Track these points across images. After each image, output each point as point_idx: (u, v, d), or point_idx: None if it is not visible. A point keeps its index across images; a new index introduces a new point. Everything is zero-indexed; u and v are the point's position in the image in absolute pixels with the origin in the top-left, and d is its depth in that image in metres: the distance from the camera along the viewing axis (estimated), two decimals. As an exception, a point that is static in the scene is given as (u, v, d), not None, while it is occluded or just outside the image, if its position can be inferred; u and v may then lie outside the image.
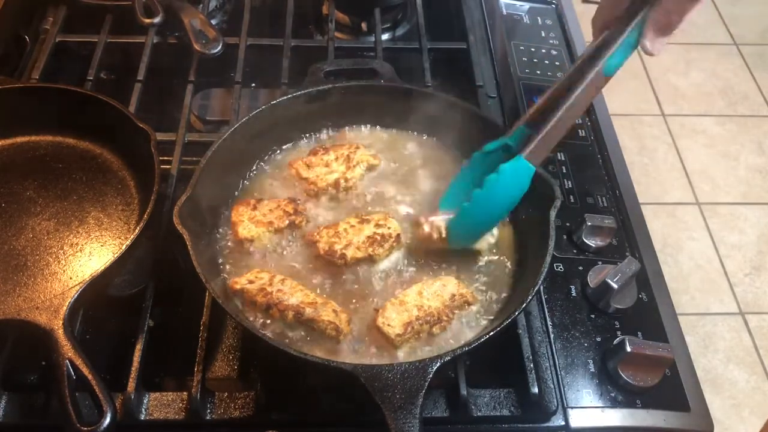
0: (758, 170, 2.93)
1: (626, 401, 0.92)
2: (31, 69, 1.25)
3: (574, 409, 0.91)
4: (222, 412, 0.87)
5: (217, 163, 0.96)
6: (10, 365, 0.90)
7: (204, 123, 1.28)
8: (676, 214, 2.76)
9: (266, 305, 0.87)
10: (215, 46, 1.23)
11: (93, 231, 1.03)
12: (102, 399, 0.78)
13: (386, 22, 1.46)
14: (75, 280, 0.96)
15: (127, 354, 0.88)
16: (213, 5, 1.46)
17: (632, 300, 0.99)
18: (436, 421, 0.89)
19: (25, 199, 1.06)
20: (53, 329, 0.81)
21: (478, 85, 1.27)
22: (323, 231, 0.96)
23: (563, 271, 1.04)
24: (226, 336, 0.97)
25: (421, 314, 0.87)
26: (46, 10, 1.39)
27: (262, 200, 1.00)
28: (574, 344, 0.96)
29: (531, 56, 1.36)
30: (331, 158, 1.05)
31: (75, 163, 1.11)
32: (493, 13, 1.47)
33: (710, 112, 3.14)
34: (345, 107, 1.09)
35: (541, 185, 0.93)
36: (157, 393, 0.88)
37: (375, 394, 0.73)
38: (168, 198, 1.03)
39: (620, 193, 1.15)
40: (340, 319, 0.87)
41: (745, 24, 3.54)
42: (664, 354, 0.90)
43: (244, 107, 1.22)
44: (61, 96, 1.10)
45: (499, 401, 0.90)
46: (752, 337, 2.43)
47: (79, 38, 1.33)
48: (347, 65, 1.17)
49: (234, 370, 0.94)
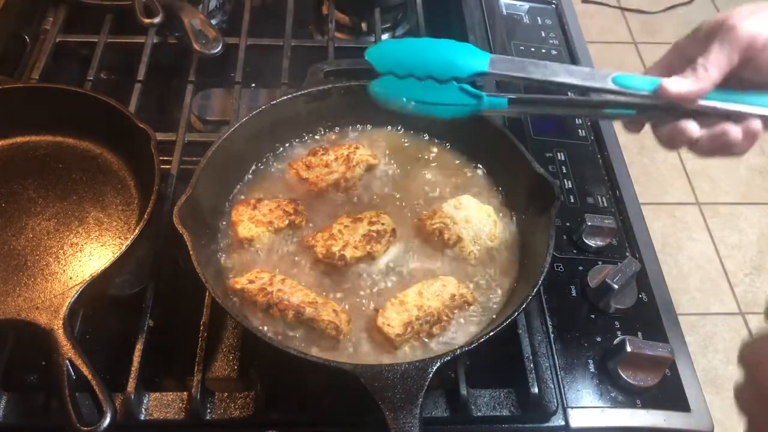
0: (758, 170, 2.93)
1: (626, 401, 0.92)
2: (31, 69, 1.25)
3: (574, 409, 0.91)
4: (222, 412, 0.87)
5: (217, 163, 0.96)
6: (10, 365, 0.90)
7: (204, 123, 1.28)
8: (676, 214, 2.76)
9: (266, 305, 0.87)
10: (215, 46, 1.23)
11: (93, 231, 1.03)
12: (102, 399, 0.78)
13: (386, 22, 1.46)
14: (75, 280, 0.96)
15: (127, 354, 0.88)
16: (213, 5, 1.46)
17: (632, 300, 0.99)
18: (436, 421, 0.89)
19: (25, 199, 1.06)
20: (53, 329, 0.81)
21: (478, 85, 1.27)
22: (318, 235, 0.96)
23: (563, 271, 1.04)
24: (226, 336, 0.97)
25: (421, 314, 0.87)
26: (46, 10, 1.39)
27: (262, 200, 1.00)
28: (574, 344, 0.96)
29: (531, 56, 1.36)
30: (331, 158, 1.05)
31: (75, 163, 1.11)
32: (493, 13, 1.47)
33: (710, 112, 3.14)
34: (345, 107, 1.09)
35: (541, 185, 0.93)
36: (157, 393, 0.88)
37: (375, 394, 0.73)
38: (168, 198, 1.03)
39: (620, 193, 1.15)
40: (340, 319, 0.87)
41: (745, 24, 3.54)
42: (664, 354, 0.90)
43: (244, 107, 1.22)
44: (61, 96, 1.10)
45: (499, 401, 0.90)
46: (752, 337, 2.43)
47: (79, 38, 1.33)
48: (347, 65, 1.17)
49: (234, 370, 0.94)
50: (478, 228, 0.97)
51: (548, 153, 1.18)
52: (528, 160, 0.96)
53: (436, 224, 0.97)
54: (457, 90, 0.84)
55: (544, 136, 1.21)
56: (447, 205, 1.00)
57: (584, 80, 0.80)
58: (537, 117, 1.23)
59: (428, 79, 0.84)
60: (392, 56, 0.87)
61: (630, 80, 0.79)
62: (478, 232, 0.97)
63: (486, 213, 0.99)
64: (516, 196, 1.02)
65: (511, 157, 0.99)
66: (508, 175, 1.03)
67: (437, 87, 0.84)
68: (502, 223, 1.00)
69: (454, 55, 0.85)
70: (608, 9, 3.56)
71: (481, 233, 0.97)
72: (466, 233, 0.96)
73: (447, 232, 0.96)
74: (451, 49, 0.85)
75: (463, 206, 0.99)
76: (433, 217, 0.98)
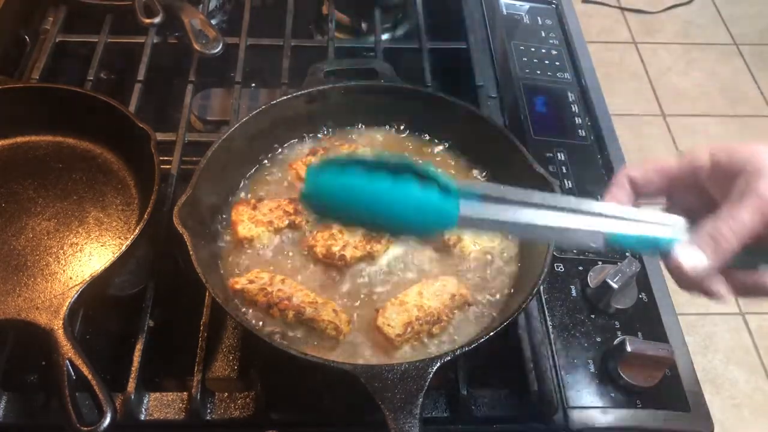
0: (758, 170, 2.93)
1: (626, 401, 0.92)
2: (31, 69, 1.25)
3: (574, 409, 0.91)
4: (222, 412, 0.87)
5: (217, 163, 0.96)
6: (10, 365, 0.90)
7: (204, 123, 1.28)
8: (676, 214, 2.76)
9: (266, 305, 0.87)
10: (215, 46, 1.23)
11: (93, 231, 1.03)
12: (102, 399, 0.77)
13: (386, 22, 1.46)
14: (75, 280, 0.96)
15: (127, 354, 0.88)
16: (213, 5, 1.46)
17: (632, 300, 0.99)
18: (436, 421, 0.89)
19: (25, 199, 1.06)
20: (53, 329, 0.81)
21: (478, 85, 1.27)
22: (318, 235, 0.96)
23: (563, 271, 1.04)
24: (226, 336, 0.97)
25: (421, 314, 0.87)
26: (46, 10, 1.39)
27: (262, 200, 1.00)
28: (574, 344, 0.96)
29: (531, 56, 1.36)
30: (331, 158, 1.05)
31: (75, 163, 1.11)
32: (493, 13, 1.47)
33: (710, 112, 3.14)
34: (345, 107, 1.09)
35: (541, 185, 0.93)
36: (157, 393, 0.88)
37: (375, 394, 0.73)
38: (168, 198, 1.03)
39: (620, 193, 1.15)
40: (340, 319, 0.87)
41: (745, 24, 3.54)
42: (664, 354, 0.90)
43: (244, 107, 1.22)
44: (61, 96, 1.10)
45: (499, 401, 0.90)
46: (752, 337, 2.43)
47: (79, 38, 1.33)
48: (347, 65, 1.17)
49: (234, 370, 0.94)
50: (478, 228, 0.97)
51: (548, 153, 1.18)
52: (528, 160, 0.96)
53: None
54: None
55: (544, 136, 1.21)
56: (447, 205, 1.00)
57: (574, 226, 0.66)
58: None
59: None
60: (333, 201, 0.68)
61: (627, 240, 0.66)
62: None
63: (486, 213, 0.99)
64: (516, 196, 1.02)
65: (511, 157, 0.99)
66: (508, 176, 1.03)
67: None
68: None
69: (410, 213, 0.65)
70: (608, 9, 3.56)
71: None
72: (467, 233, 0.96)
73: (447, 232, 0.96)
74: (408, 203, 0.64)
75: (463, 206, 0.99)
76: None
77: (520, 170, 0.98)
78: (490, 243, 0.97)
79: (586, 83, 1.32)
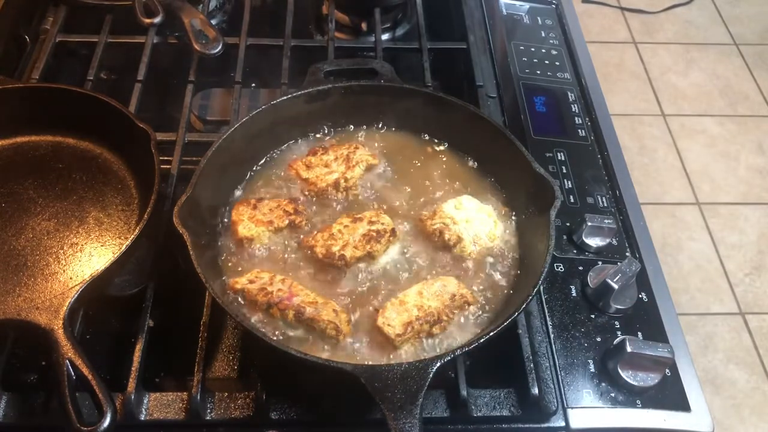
0: (758, 170, 2.93)
1: (626, 401, 0.92)
2: (31, 69, 1.26)
3: (574, 409, 0.91)
4: (222, 412, 0.87)
5: (217, 163, 0.96)
6: (10, 365, 0.90)
7: (204, 123, 1.28)
8: (676, 214, 2.76)
9: (266, 305, 0.87)
10: (215, 46, 1.23)
11: (93, 231, 1.03)
12: (102, 399, 0.77)
13: (386, 22, 1.46)
14: (75, 280, 0.96)
15: (127, 354, 0.88)
16: (213, 5, 1.46)
17: (632, 300, 0.99)
18: (436, 421, 0.89)
19: (25, 199, 1.06)
20: (53, 329, 0.81)
21: (478, 85, 1.27)
22: (318, 235, 0.96)
23: (563, 271, 1.04)
24: (226, 336, 0.97)
25: (422, 314, 0.87)
26: (46, 10, 1.39)
27: (262, 200, 1.00)
28: (574, 344, 0.96)
29: (531, 56, 1.36)
30: (331, 158, 1.05)
31: (75, 163, 1.11)
32: (493, 13, 1.47)
33: (710, 112, 3.14)
34: (345, 107, 1.09)
35: (541, 185, 0.93)
36: (157, 393, 0.88)
37: (375, 394, 0.73)
38: (168, 198, 1.03)
39: (620, 193, 1.15)
40: (340, 319, 0.87)
41: (745, 24, 3.54)
42: (664, 354, 0.90)
43: (244, 107, 1.22)
44: (61, 96, 1.10)
45: (499, 401, 0.90)
46: (752, 337, 2.43)
47: (79, 38, 1.33)
48: (347, 65, 1.17)
49: (234, 370, 0.94)
50: (478, 228, 0.97)
51: (548, 153, 1.19)
52: (528, 160, 0.96)
53: (437, 224, 0.97)
54: None
55: (544, 136, 1.21)
56: (447, 205, 1.00)
57: None
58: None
59: None
60: None
61: None
62: (478, 232, 0.97)
63: (486, 213, 0.99)
64: (516, 196, 1.02)
65: (511, 157, 0.99)
66: (508, 176, 1.03)
67: None
68: (503, 224, 1.00)
69: None
70: (608, 9, 3.55)
71: (481, 233, 0.97)
72: (467, 233, 0.96)
73: (447, 232, 0.96)
74: None
75: (463, 206, 0.99)
76: (433, 217, 0.98)
77: (520, 170, 0.98)
78: (490, 243, 0.97)
79: (586, 83, 1.32)
